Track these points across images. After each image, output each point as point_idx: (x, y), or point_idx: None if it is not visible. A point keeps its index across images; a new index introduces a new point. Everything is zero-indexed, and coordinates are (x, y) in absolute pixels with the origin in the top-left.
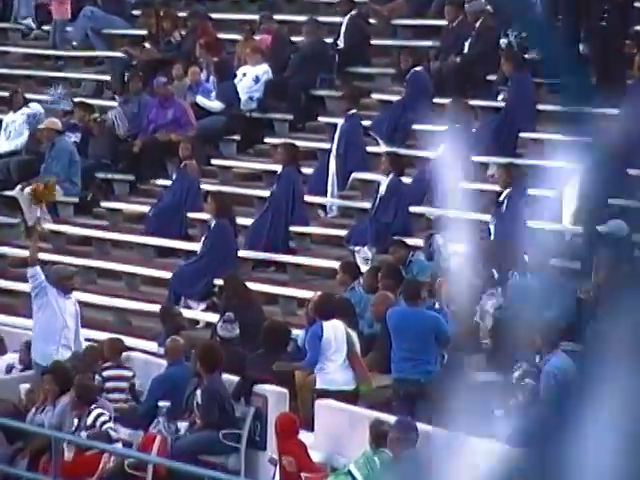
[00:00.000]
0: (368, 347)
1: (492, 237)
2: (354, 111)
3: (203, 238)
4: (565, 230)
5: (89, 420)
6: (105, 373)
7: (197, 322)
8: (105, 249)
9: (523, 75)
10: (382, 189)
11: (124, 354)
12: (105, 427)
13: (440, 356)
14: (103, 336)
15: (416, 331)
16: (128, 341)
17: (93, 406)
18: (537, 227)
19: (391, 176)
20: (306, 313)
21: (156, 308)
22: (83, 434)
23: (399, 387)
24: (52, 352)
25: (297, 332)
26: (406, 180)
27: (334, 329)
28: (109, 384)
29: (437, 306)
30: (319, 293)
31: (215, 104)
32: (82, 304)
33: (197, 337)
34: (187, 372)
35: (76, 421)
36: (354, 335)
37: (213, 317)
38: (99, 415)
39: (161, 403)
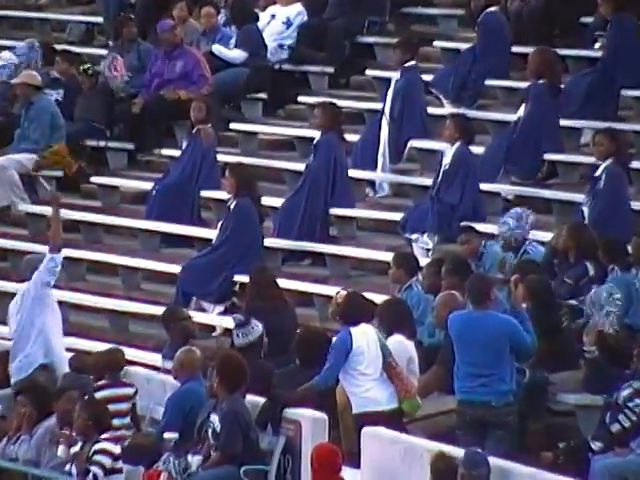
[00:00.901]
0: (429, 361)
1: (586, 221)
2: (412, 63)
3: (220, 223)
4: None
5: (90, 453)
6: (100, 394)
7: (213, 328)
8: (97, 236)
9: (627, 17)
10: (446, 161)
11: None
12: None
13: (518, 372)
14: (94, 346)
15: (485, 340)
16: (126, 352)
17: (104, 436)
18: None
19: (458, 145)
20: (334, 313)
21: (161, 311)
22: (74, 470)
23: (465, 411)
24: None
25: None
26: (477, 150)
27: (366, 336)
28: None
29: (513, 309)
30: (343, 292)
31: (236, 53)
32: (68, 306)
33: (213, 347)
34: (203, 392)
35: (65, 450)
36: (407, 343)
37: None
38: (103, 452)
39: (167, 435)
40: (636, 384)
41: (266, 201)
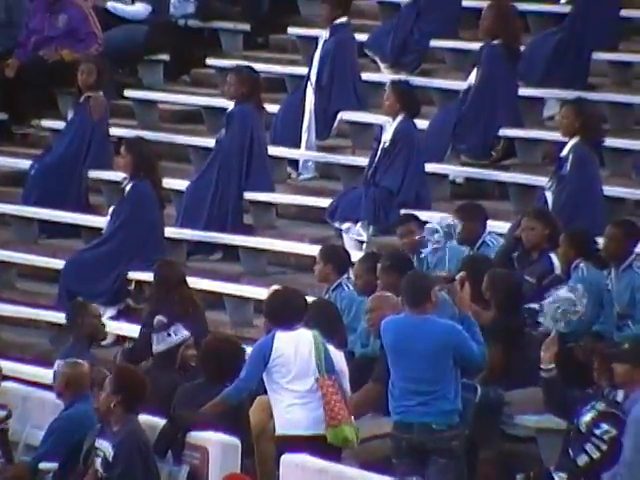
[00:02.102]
0: (362, 375)
1: (550, 208)
2: (343, 20)
3: (112, 209)
4: None
5: None
6: None
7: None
8: None
9: None
10: (386, 137)
11: None
12: None
13: (467, 389)
14: None
15: (424, 351)
16: None
17: None
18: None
19: (400, 118)
20: (265, 321)
21: (39, 314)
22: None
23: (401, 435)
24: None
25: None
26: (421, 124)
27: (295, 342)
28: None
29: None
30: (273, 287)
31: (138, 7)
32: None
33: (103, 359)
34: (93, 414)
35: None
36: (337, 354)
37: (128, 328)
38: None
39: (44, 465)
40: (599, 405)
41: (168, 183)
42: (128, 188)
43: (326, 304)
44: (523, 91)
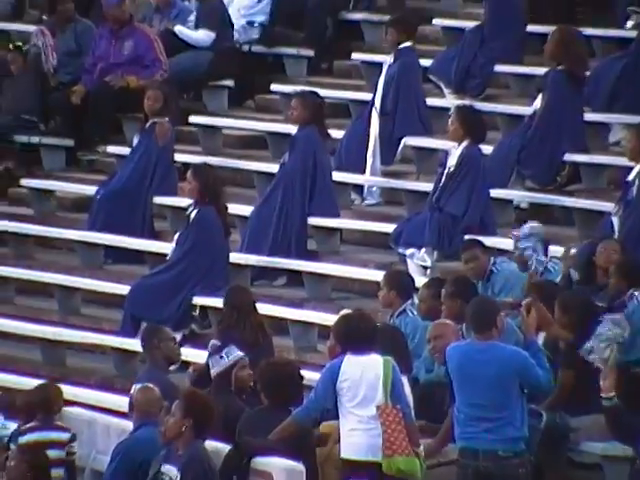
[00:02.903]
0: (426, 401)
1: (616, 235)
2: (408, 44)
3: (177, 235)
4: None
5: None
6: (25, 438)
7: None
8: (28, 251)
9: None
10: (451, 163)
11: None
12: None
13: (532, 415)
14: (24, 382)
15: (489, 377)
16: (62, 390)
17: None
18: None
19: (465, 143)
20: (329, 347)
21: (104, 340)
22: None
23: (467, 462)
24: None
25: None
26: (485, 149)
27: (363, 367)
28: None
29: (523, 338)
30: (343, 311)
31: (201, 34)
32: None
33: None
34: (157, 438)
35: None
36: (404, 382)
37: (192, 354)
38: None
39: None
40: None
41: (232, 209)
42: (193, 215)
43: (392, 330)
44: (588, 116)
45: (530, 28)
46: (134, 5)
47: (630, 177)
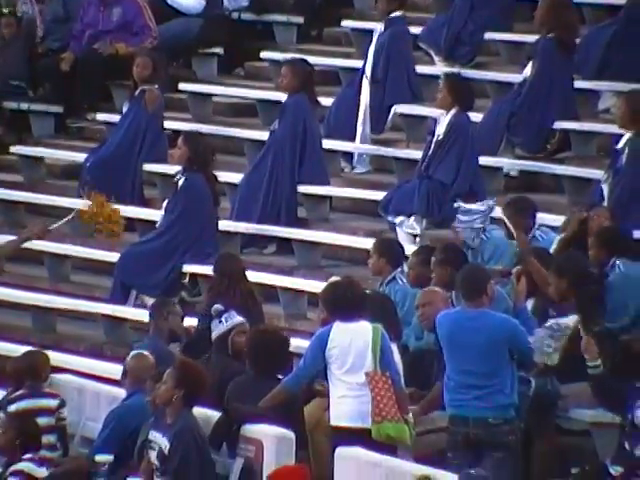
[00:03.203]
0: (416, 368)
1: (605, 202)
2: (398, 13)
3: (166, 202)
4: None
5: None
6: (15, 406)
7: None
8: (18, 218)
9: None
10: (440, 131)
11: (48, 377)
12: None
13: (521, 382)
14: (15, 349)
15: (480, 344)
16: (52, 356)
17: (25, 456)
18: None
19: (454, 111)
20: (323, 318)
21: (94, 307)
22: None
23: (457, 429)
24: None
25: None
26: (475, 117)
27: (352, 334)
28: None
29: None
30: (332, 279)
31: (190, 1)
32: None
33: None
34: (146, 406)
35: None
36: (394, 349)
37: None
38: (19, 474)
39: (99, 457)
40: None
41: (222, 177)
42: (181, 182)
43: (382, 297)
44: (578, 84)
45: None
46: None
47: (620, 145)
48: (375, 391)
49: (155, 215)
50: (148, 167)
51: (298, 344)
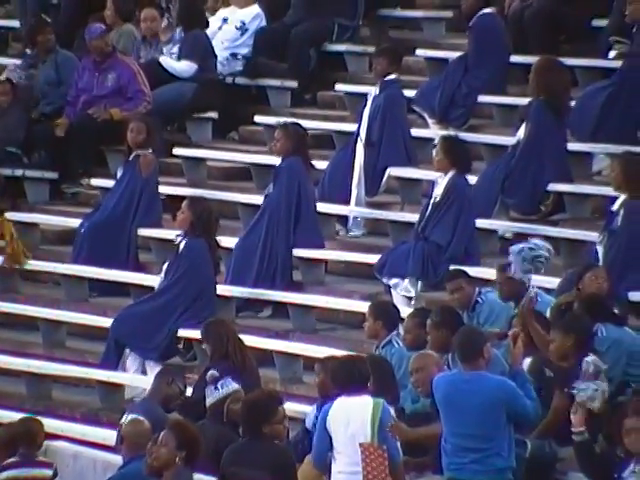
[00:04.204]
0: None
1: (600, 262)
2: (393, 76)
3: (165, 265)
4: None
5: None
6: (5, 474)
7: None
8: (12, 284)
9: None
10: (437, 193)
11: (43, 444)
12: None
13: (517, 445)
14: (9, 415)
15: (476, 407)
16: (47, 423)
17: None
18: None
19: (451, 174)
20: (319, 381)
21: (89, 373)
22: None
23: None
24: None
25: (305, 408)
26: (470, 179)
27: (351, 409)
28: None
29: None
30: (335, 355)
31: (184, 65)
32: None
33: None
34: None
35: None
36: (387, 416)
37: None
38: None
39: None
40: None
41: (218, 241)
42: (182, 245)
43: (380, 360)
44: (572, 146)
45: (513, 58)
46: (116, 36)
47: (615, 206)
48: (367, 462)
49: (150, 280)
50: (143, 232)
51: (294, 408)
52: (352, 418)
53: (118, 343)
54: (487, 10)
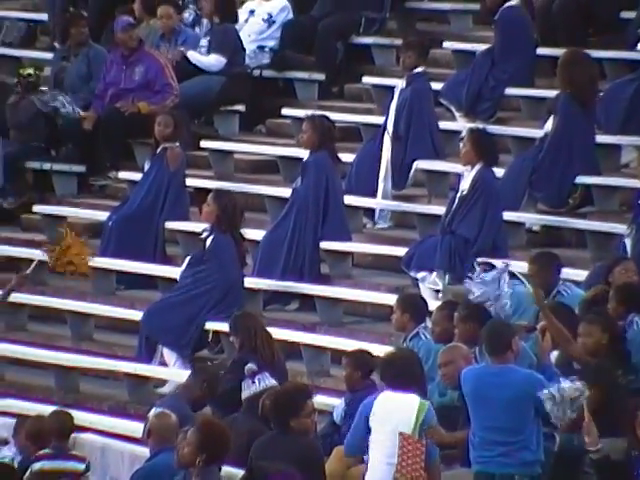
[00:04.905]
0: (440, 425)
1: (629, 255)
2: (420, 69)
3: (188, 258)
4: None
5: None
6: (38, 465)
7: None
8: (40, 277)
9: None
10: (464, 186)
11: (71, 436)
12: None
13: (546, 438)
14: (37, 408)
15: (505, 400)
16: (75, 416)
17: None
18: None
19: (478, 167)
20: (346, 374)
21: (117, 366)
22: None
23: None
24: None
25: (333, 401)
26: (498, 172)
27: (396, 404)
28: None
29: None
30: (391, 349)
31: (213, 59)
32: (6, 360)
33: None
34: (172, 465)
35: None
36: (431, 416)
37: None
38: None
39: None
40: None
41: (245, 233)
42: (209, 242)
43: (407, 353)
44: (600, 138)
45: (540, 51)
46: (145, 30)
47: None
48: (403, 450)
49: (177, 273)
50: (170, 225)
51: (321, 401)
52: (395, 414)
53: (150, 339)
54: (512, 2)
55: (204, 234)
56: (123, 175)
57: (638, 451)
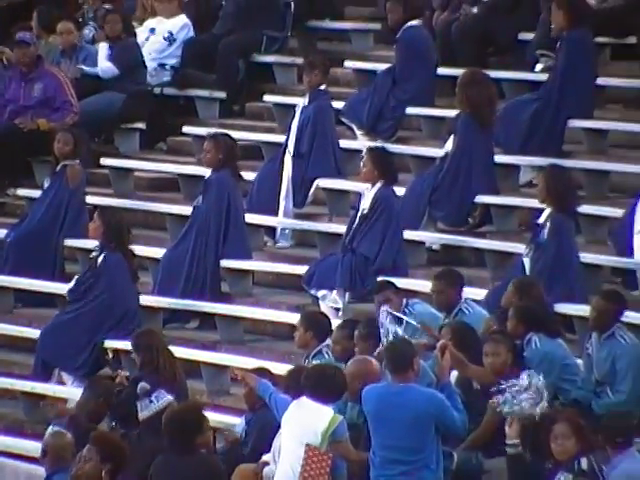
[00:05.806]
0: None
1: (527, 274)
2: (323, 87)
3: (79, 276)
4: None
5: None
6: None
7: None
8: None
9: (583, 33)
10: (364, 205)
11: None
12: None
13: (445, 456)
14: None
15: (406, 419)
16: None
17: None
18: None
19: (379, 186)
20: (246, 393)
21: (14, 384)
22: None
23: None
24: None
25: (233, 420)
26: (398, 191)
27: (308, 413)
28: None
29: (437, 380)
30: (288, 368)
31: (103, 66)
32: None
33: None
34: None
35: None
36: (342, 431)
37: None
38: None
39: None
40: (565, 476)
41: (144, 251)
42: (100, 260)
43: (338, 371)
44: (499, 158)
45: (441, 71)
46: (46, 48)
47: (541, 219)
48: (307, 462)
49: None
50: (69, 242)
51: (221, 420)
52: (306, 420)
53: (46, 363)
54: (413, 22)
55: (93, 253)
56: (22, 192)
57: (552, 464)
